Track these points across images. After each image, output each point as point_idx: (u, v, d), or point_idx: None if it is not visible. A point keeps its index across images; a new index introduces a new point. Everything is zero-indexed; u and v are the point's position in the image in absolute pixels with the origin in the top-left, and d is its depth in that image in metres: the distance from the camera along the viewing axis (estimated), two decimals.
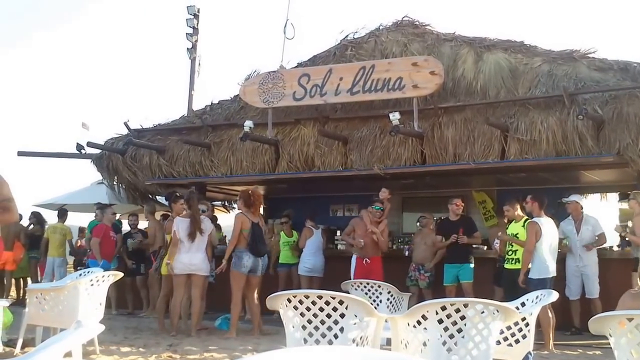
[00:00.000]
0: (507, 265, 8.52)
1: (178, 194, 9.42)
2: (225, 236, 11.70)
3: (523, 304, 6.03)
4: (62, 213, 12.59)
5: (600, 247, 9.35)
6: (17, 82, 54.04)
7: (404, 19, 11.76)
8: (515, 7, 53.04)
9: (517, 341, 5.42)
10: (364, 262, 9.51)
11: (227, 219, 13.72)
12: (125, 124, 12.19)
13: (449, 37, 11.20)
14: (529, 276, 7.96)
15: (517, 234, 8.40)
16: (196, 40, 16.90)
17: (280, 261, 11.15)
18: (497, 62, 10.43)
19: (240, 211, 8.93)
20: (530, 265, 8.04)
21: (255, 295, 8.82)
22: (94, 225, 11.51)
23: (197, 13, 16.85)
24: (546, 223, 8.16)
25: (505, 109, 9.96)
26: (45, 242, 12.33)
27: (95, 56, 57.42)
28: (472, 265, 9.49)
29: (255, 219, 8.76)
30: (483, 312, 4.44)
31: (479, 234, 9.75)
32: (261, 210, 9.56)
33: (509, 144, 9.56)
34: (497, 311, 4.47)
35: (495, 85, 10.27)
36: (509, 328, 5.33)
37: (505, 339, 5.36)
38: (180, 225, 8.76)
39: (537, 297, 6.07)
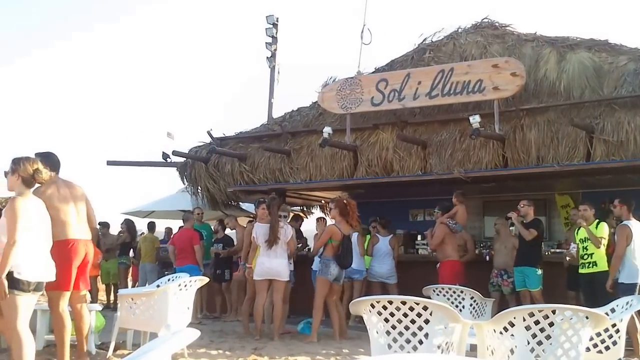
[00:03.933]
0: (582, 270, 8.24)
1: (261, 199, 9.57)
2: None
3: (613, 310, 5.88)
4: (152, 226, 13.49)
5: None
6: (109, 94, 56.30)
7: (483, 20, 11.65)
8: (599, 5, 51.41)
9: (607, 348, 5.30)
10: (437, 267, 9.64)
11: (305, 225, 13.86)
12: (209, 133, 12.47)
13: (530, 38, 11.02)
14: (618, 280, 7.72)
15: (586, 237, 8.14)
16: (275, 49, 17.10)
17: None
18: (581, 61, 10.18)
19: (333, 222, 8.94)
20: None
21: (337, 300, 8.89)
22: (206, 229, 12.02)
23: (276, 22, 17.06)
24: (636, 226, 7.91)
25: (590, 110, 9.71)
26: (139, 250, 13.13)
27: (180, 67, 59.19)
28: (538, 271, 9.06)
29: (347, 231, 8.79)
30: (572, 318, 4.36)
31: (534, 232, 9.10)
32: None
33: (595, 146, 9.30)
34: (587, 318, 4.38)
35: (580, 85, 10.02)
36: (598, 334, 5.21)
37: (595, 345, 5.25)
38: (258, 230, 8.93)
39: (627, 303, 5.91)
